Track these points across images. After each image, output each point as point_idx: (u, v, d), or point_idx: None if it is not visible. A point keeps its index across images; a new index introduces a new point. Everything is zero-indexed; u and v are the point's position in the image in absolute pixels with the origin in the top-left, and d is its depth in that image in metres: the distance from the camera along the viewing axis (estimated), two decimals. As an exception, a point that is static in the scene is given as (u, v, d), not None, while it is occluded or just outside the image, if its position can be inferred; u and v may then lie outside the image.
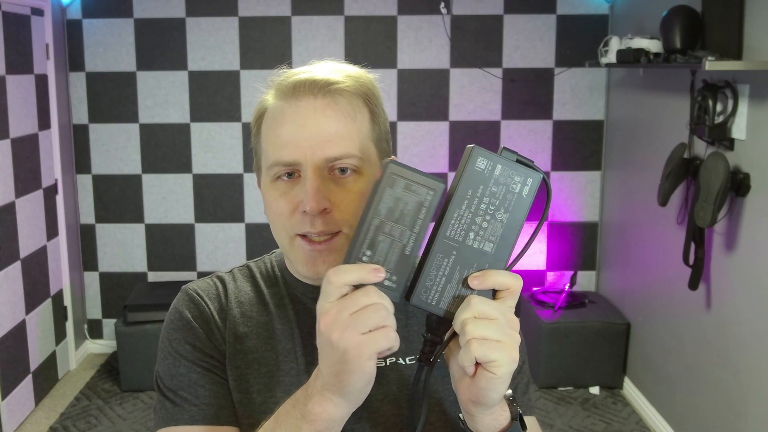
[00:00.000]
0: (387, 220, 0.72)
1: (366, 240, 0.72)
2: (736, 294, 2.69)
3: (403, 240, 0.72)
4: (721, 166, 2.58)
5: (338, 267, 0.72)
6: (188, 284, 1.02)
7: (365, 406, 0.93)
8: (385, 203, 0.72)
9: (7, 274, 3.31)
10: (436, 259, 0.73)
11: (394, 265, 0.72)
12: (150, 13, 4.00)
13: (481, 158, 0.72)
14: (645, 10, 3.52)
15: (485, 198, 0.72)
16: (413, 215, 0.71)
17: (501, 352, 0.71)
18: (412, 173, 0.71)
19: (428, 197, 0.71)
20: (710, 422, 2.88)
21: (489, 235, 0.73)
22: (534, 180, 0.73)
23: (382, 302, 0.71)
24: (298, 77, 0.90)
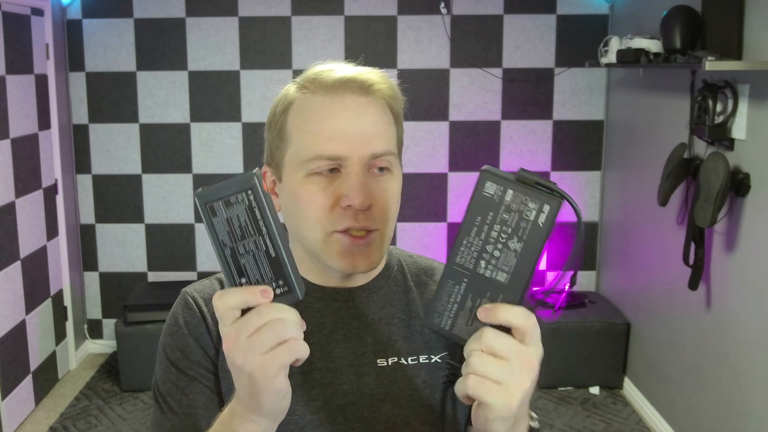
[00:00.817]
0: (235, 243, 0.70)
1: (233, 271, 0.71)
2: (735, 294, 2.69)
3: (261, 247, 0.70)
4: (721, 166, 2.58)
5: (220, 292, 0.71)
6: (187, 287, 1.02)
7: (366, 405, 0.93)
8: (222, 231, 0.70)
9: (7, 274, 3.31)
10: (447, 285, 0.70)
11: (272, 272, 0.71)
12: (150, 13, 4.00)
13: (490, 183, 0.67)
14: (645, 10, 3.52)
15: (496, 225, 0.67)
16: (251, 222, 0.70)
17: (496, 396, 0.67)
18: (221, 189, 0.69)
19: (251, 197, 0.69)
20: (710, 422, 2.88)
21: (502, 265, 0.68)
22: (552, 207, 0.66)
23: (279, 317, 0.70)
24: (344, 74, 0.90)
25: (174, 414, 0.95)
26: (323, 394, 0.93)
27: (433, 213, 4.19)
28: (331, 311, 0.97)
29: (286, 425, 0.91)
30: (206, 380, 0.96)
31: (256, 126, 4.10)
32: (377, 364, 0.95)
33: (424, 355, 0.96)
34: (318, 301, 0.97)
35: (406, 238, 4.19)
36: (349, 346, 0.95)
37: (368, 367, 0.95)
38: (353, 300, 0.98)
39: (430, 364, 0.96)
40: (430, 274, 1.04)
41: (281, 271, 0.71)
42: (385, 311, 0.98)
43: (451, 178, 4.16)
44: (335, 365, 0.95)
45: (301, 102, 0.91)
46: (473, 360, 0.68)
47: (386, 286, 1.00)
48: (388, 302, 0.99)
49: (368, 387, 0.94)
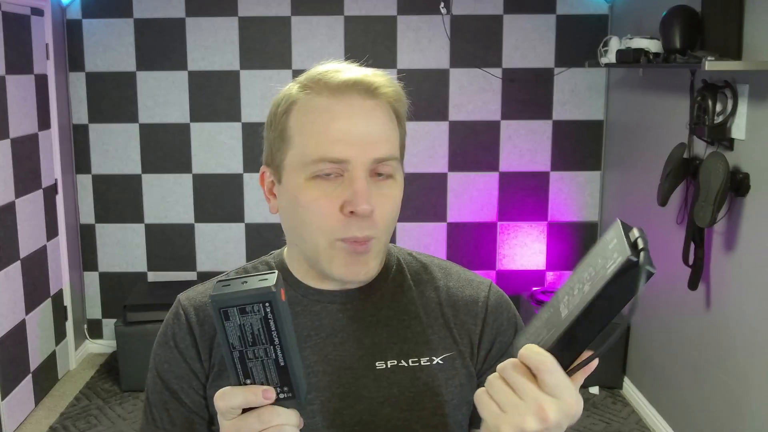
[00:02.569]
0: (245, 348, 0.70)
1: (239, 371, 0.71)
2: (735, 294, 2.69)
3: (271, 356, 0.70)
4: (720, 166, 2.58)
5: (223, 390, 0.71)
6: (182, 293, 1.01)
7: (365, 409, 0.92)
8: (233, 335, 0.69)
9: (7, 274, 3.31)
10: (541, 312, 0.71)
11: (278, 379, 0.71)
12: (150, 13, 4.00)
13: (613, 234, 0.65)
14: (645, 10, 3.52)
15: (590, 268, 0.66)
16: (265, 332, 0.69)
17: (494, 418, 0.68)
18: (237, 297, 0.68)
19: (267, 309, 0.68)
20: (710, 422, 2.88)
21: (570, 302, 0.67)
22: (622, 258, 0.62)
23: (279, 423, 0.70)
24: (350, 75, 0.87)
25: (155, 427, 0.97)
26: (320, 398, 0.92)
27: (433, 213, 4.19)
28: (328, 314, 0.96)
29: None
30: (186, 396, 0.96)
31: (255, 126, 4.10)
32: (376, 367, 0.93)
33: (426, 357, 0.95)
34: (315, 304, 0.96)
35: (405, 238, 4.19)
36: (347, 349, 0.94)
37: (367, 369, 0.93)
38: (351, 302, 0.96)
39: (431, 365, 0.94)
40: (429, 272, 1.02)
41: (288, 378, 0.71)
42: (384, 313, 0.97)
43: (450, 178, 4.17)
44: (332, 368, 0.93)
45: (304, 102, 0.88)
46: (493, 379, 0.69)
47: (384, 287, 0.98)
48: (386, 304, 0.97)
49: (367, 390, 0.93)
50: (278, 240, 1.01)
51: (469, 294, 1.00)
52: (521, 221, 4.21)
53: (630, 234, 0.63)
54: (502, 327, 0.99)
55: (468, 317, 0.98)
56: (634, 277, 0.61)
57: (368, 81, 0.88)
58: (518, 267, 4.25)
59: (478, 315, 0.98)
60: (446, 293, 1.00)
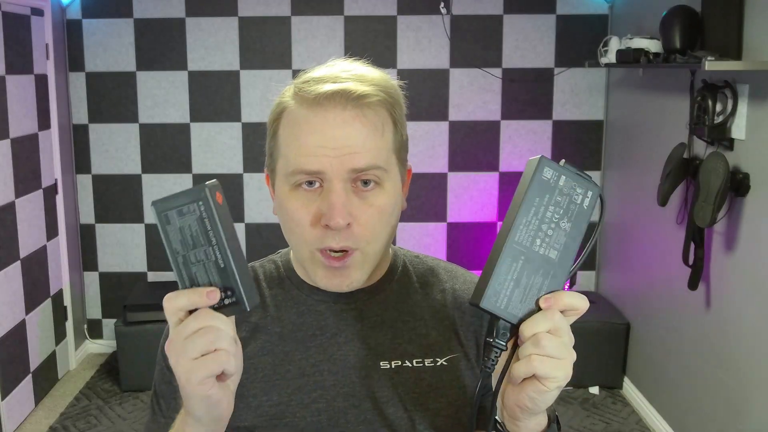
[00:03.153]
0: (186, 252, 0.73)
1: (184, 277, 0.74)
2: (735, 294, 2.69)
3: (211, 257, 0.72)
4: (720, 166, 2.58)
5: (170, 294, 0.73)
6: None
7: (370, 408, 0.93)
8: (174, 239, 0.73)
9: (7, 274, 3.31)
10: (506, 263, 0.73)
11: (221, 282, 0.73)
12: (150, 13, 4.00)
13: (548, 168, 0.75)
14: (645, 10, 3.52)
15: (551, 207, 0.74)
16: (202, 232, 0.72)
17: (560, 369, 0.71)
18: (174, 199, 0.72)
19: (201, 208, 0.71)
20: (710, 422, 2.88)
21: (554, 243, 0.74)
22: (593, 193, 0.75)
23: (213, 324, 0.71)
24: (328, 88, 0.86)
25: (163, 417, 0.96)
26: (325, 397, 0.93)
27: (433, 213, 4.19)
28: (333, 313, 0.96)
29: (286, 427, 0.92)
30: None
31: (255, 126, 4.10)
32: (380, 367, 0.94)
33: (430, 358, 0.96)
34: (319, 304, 0.97)
35: (406, 238, 4.19)
36: (352, 349, 0.95)
37: (371, 369, 0.94)
38: (355, 302, 0.97)
39: (435, 366, 0.95)
40: (435, 275, 1.03)
41: (230, 281, 0.72)
42: (389, 313, 0.97)
43: (450, 178, 4.17)
44: (337, 368, 0.94)
45: (290, 112, 0.90)
46: (544, 341, 0.71)
47: (390, 288, 0.99)
48: (391, 304, 0.98)
49: (371, 390, 0.93)
50: (278, 240, 1.02)
51: None
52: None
53: (568, 167, 0.75)
54: None
55: (474, 319, 0.99)
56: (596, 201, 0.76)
57: (349, 91, 0.86)
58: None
59: (484, 317, 0.99)
60: (452, 295, 1.01)
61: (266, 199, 4.11)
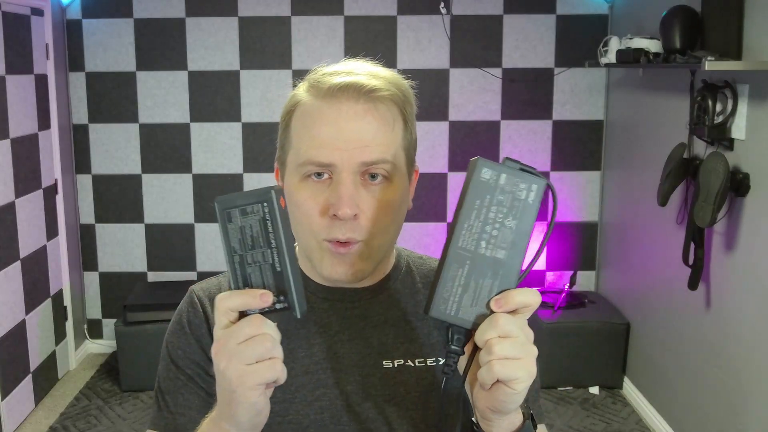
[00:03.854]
0: (244, 252, 0.73)
1: (238, 277, 0.74)
2: (735, 294, 2.69)
3: (268, 260, 0.73)
4: (720, 166, 2.58)
5: (223, 294, 0.73)
6: (195, 285, 1.03)
7: (372, 407, 0.93)
8: (234, 238, 0.73)
9: (7, 274, 3.31)
10: (451, 270, 0.73)
11: (275, 286, 0.73)
12: (150, 13, 4.00)
13: (486, 169, 0.74)
14: (645, 10, 3.52)
15: (493, 207, 0.73)
16: (263, 234, 0.72)
17: (521, 370, 0.71)
18: (239, 197, 0.73)
19: (265, 209, 0.72)
20: (710, 422, 2.88)
21: (500, 243, 0.74)
22: (538, 186, 0.74)
23: (267, 332, 0.71)
24: (341, 80, 0.88)
25: (169, 412, 0.96)
26: (328, 395, 0.93)
27: (433, 213, 4.19)
28: (336, 312, 0.97)
29: (289, 425, 0.92)
30: (203, 381, 0.96)
31: (255, 126, 4.10)
32: (383, 366, 0.95)
33: (432, 358, 0.96)
34: (323, 302, 0.98)
35: (405, 238, 4.19)
36: (355, 347, 0.95)
37: (373, 368, 0.95)
38: (359, 301, 0.98)
39: (437, 366, 0.96)
40: None
41: (284, 286, 0.73)
42: (392, 313, 0.98)
43: (450, 178, 4.17)
44: (340, 366, 0.95)
45: (303, 105, 0.91)
46: (496, 348, 0.71)
47: (393, 288, 1.00)
48: (394, 304, 0.99)
49: (374, 388, 0.94)
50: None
51: None
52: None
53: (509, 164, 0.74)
54: None
55: None
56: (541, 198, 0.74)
57: (361, 84, 0.88)
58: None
59: None
60: None
61: (266, 199, 4.10)
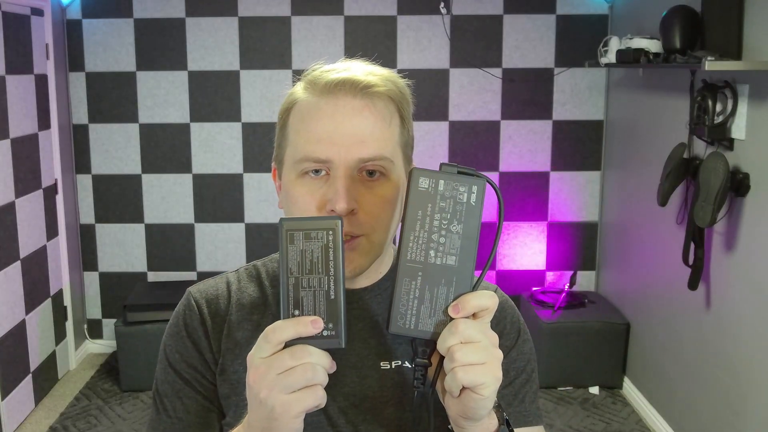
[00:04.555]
0: (301, 275, 0.73)
1: (290, 300, 0.74)
2: (735, 294, 2.69)
3: (324, 287, 0.73)
4: (720, 166, 2.58)
5: (275, 324, 0.72)
6: (193, 286, 1.02)
7: (369, 408, 0.93)
8: (293, 260, 0.73)
9: (7, 274, 3.31)
10: (404, 284, 0.74)
11: (326, 313, 0.73)
12: (150, 13, 4.00)
13: (423, 178, 0.74)
14: (645, 10, 3.53)
15: (436, 215, 0.73)
16: (323, 260, 0.73)
17: (486, 375, 0.71)
18: (305, 222, 0.73)
19: (330, 237, 0.72)
20: (709, 422, 2.88)
21: (449, 249, 0.74)
22: (478, 187, 0.74)
23: (310, 361, 0.72)
24: (338, 76, 0.89)
25: (168, 416, 0.96)
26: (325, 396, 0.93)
27: (433, 213, 4.19)
28: None
29: None
30: (200, 385, 0.96)
31: (255, 126, 4.10)
32: (380, 367, 0.95)
33: None
34: None
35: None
36: (353, 348, 0.95)
37: (371, 369, 0.94)
38: (358, 302, 0.97)
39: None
40: None
41: (335, 314, 0.73)
42: None
43: (450, 178, 4.16)
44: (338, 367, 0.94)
45: (300, 102, 0.91)
46: (458, 355, 0.71)
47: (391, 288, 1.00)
48: None
49: (371, 389, 0.94)
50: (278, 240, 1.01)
51: None
52: (521, 221, 4.22)
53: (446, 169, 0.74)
54: (505, 330, 1.00)
55: None
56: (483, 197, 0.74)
57: (357, 80, 0.88)
58: (518, 267, 4.25)
59: None
60: None
61: (266, 199, 4.11)
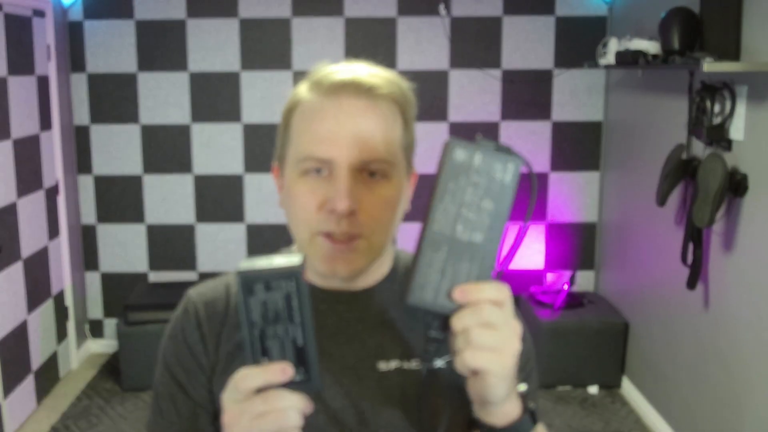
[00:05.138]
0: (266, 325, 0.71)
1: (257, 350, 0.72)
2: (733, 294, 2.70)
3: (291, 335, 0.71)
4: (719, 166, 2.60)
5: (243, 371, 0.72)
6: (192, 289, 1.02)
7: (367, 409, 0.92)
8: (255, 311, 0.70)
9: (9, 274, 3.33)
10: (427, 256, 0.71)
11: (295, 359, 0.72)
12: (151, 14, 4.01)
13: (459, 149, 0.71)
14: (643, 12, 3.54)
15: (468, 188, 0.71)
16: (286, 309, 0.70)
17: (494, 363, 0.71)
18: (264, 270, 0.70)
19: (291, 285, 0.70)
20: (708, 421, 2.89)
21: (477, 225, 0.71)
22: (515, 165, 0.71)
23: (284, 406, 0.71)
24: (342, 77, 0.89)
25: (162, 418, 0.98)
26: (322, 396, 0.93)
27: (433, 213, 4.20)
28: (333, 313, 0.96)
29: None
30: (192, 389, 0.97)
31: (256, 127, 4.11)
32: (378, 368, 0.94)
33: None
34: (320, 303, 0.97)
35: (405, 239, 4.19)
36: (351, 349, 0.95)
37: (369, 370, 0.94)
38: (356, 302, 0.97)
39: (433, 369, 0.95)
40: None
41: (305, 360, 0.72)
42: (389, 315, 0.97)
43: (450, 179, 4.17)
44: (336, 367, 0.94)
45: (303, 102, 0.91)
46: (472, 335, 0.70)
47: (390, 290, 0.99)
48: (391, 306, 0.98)
49: (369, 390, 0.93)
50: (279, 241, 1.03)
51: None
52: (521, 221, 4.22)
53: (483, 144, 0.70)
54: None
55: None
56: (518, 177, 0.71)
57: (361, 81, 0.89)
58: (517, 267, 4.26)
59: None
60: None
61: (266, 200, 4.12)
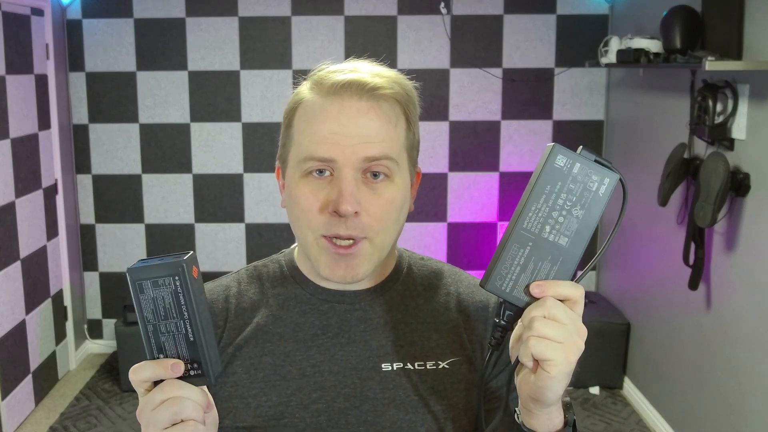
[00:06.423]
0: (158, 322, 0.75)
1: (152, 345, 0.76)
2: (735, 294, 2.69)
3: (182, 330, 0.75)
4: (721, 166, 2.58)
5: (136, 366, 0.75)
6: None
7: (370, 410, 0.92)
8: (147, 308, 0.75)
9: (7, 274, 3.31)
10: (512, 249, 0.75)
11: (188, 354, 0.75)
12: (150, 13, 4.00)
13: (561, 156, 0.74)
14: (645, 10, 3.52)
15: (563, 194, 0.74)
16: (175, 305, 0.74)
17: (557, 352, 0.71)
18: (151, 269, 0.74)
19: (177, 283, 0.73)
20: (709, 422, 2.88)
21: (564, 230, 0.75)
22: (611, 180, 0.74)
23: (179, 395, 0.74)
24: (344, 77, 0.89)
25: None
26: (325, 398, 0.92)
27: (433, 213, 4.19)
28: (336, 314, 0.96)
29: (284, 428, 0.91)
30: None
31: (255, 126, 4.10)
32: (382, 369, 0.94)
33: (431, 361, 0.95)
34: (323, 304, 0.97)
35: (406, 238, 4.19)
36: (354, 350, 0.95)
37: (372, 371, 0.94)
38: (359, 303, 0.97)
39: (437, 369, 0.95)
40: (440, 278, 1.03)
41: (197, 354, 0.75)
42: (392, 315, 0.97)
43: (450, 178, 4.17)
44: (339, 368, 0.94)
45: (305, 102, 0.91)
46: (537, 324, 0.72)
47: (394, 290, 0.99)
48: (395, 306, 0.98)
49: (372, 391, 0.93)
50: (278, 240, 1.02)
51: (479, 299, 1.01)
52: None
53: (584, 155, 0.74)
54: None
55: (478, 323, 0.99)
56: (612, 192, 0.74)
57: (364, 82, 0.88)
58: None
59: (488, 320, 0.99)
60: (456, 299, 1.01)
61: (266, 200, 4.11)
